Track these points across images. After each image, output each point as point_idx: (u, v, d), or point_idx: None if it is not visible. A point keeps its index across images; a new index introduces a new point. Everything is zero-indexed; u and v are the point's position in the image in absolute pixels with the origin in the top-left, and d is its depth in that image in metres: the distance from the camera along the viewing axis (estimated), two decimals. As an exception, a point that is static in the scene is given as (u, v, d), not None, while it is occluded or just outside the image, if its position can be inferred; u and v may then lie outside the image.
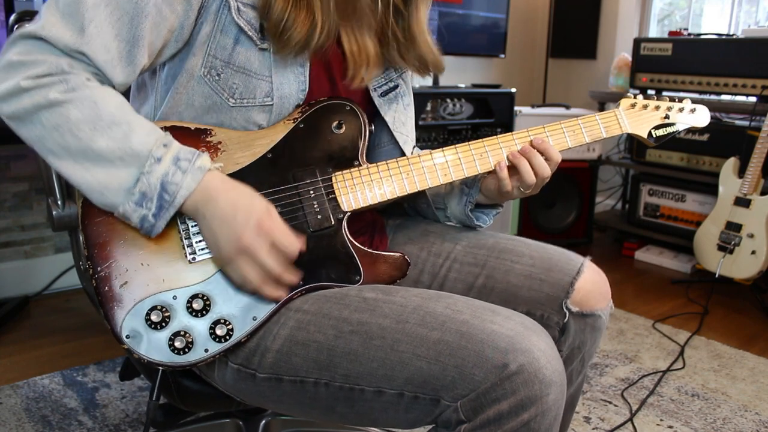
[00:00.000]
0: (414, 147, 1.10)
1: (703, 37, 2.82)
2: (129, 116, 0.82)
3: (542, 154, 0.99)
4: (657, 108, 1.08)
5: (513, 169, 0.99)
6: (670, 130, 1.08)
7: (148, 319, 0.83)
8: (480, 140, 0.99)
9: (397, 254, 0.96)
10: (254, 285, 0.84)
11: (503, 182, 0.98)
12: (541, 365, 0.75)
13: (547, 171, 0.98)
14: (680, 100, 1.09)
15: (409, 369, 0.78)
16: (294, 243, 0.84)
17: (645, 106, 1.07)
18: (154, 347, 0.83)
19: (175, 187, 0.81)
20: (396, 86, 1.05)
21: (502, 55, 3.15)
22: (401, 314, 0.81)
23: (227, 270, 0.85)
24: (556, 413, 0.77)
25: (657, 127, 1.08)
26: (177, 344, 0.83)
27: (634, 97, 1.08)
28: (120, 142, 0.80)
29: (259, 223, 0.82)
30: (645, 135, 1.07)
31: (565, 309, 0.96)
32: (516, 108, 2.92)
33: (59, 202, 1.16)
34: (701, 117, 1.09)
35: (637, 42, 2.94)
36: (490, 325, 0.78)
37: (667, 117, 1.07)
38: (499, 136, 1.00)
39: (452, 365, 0.76)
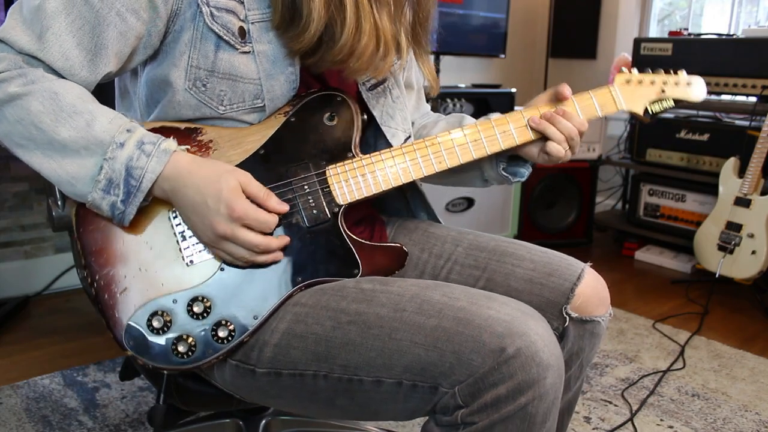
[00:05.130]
0: (409, 137, 1.08)
1: (703, 37, 2.81)
2: (90, 105, 0.82)
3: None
4: (652, 83, 1.04)
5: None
6: (665, 105, 1.05)
7: (149, 325, 0.82)
8: (475, 125, 0.99)
9: (395, 245, 0.95)
10: (244, 262, 0.85)
11: (548, 130, 0.98)
12: (538, 348, 0.75)
13: (573, 130, 0.98)
14: (676, 72, 1.05)
15: (407, 357, 0.78)
16: (268, 219, 0.84)
17: (640, 81, 1.04)
18: (157, 352, 0.83)
19: (140, 171, 0.81)
20: (384, 80, 1.04)
21: (502, 55, 3.14)
22: (398, 303, 0.81)
23: (215, 252, 0.85)
24: (554, 397, 0.77)
25: (653, 102, 1.05)
26: (180, 348, 0.83)
27: (629, 72, 1.05)
28: (82, 131, 0.80)
29: (230, 209, 0.81)
30: (641, 111, 1.04)
31: (564, 314, 0.96)
32: (516, 108, 2.91)
33: (59, 202, 1.16)
34: (698, 90, 1.05)
35: (637, 42, 2.94)
36: (486, 311, 0.78)
37: (663, 91, 1.04)
38: (492, 118, 0.99)
39: (450, 351, 0.76)
